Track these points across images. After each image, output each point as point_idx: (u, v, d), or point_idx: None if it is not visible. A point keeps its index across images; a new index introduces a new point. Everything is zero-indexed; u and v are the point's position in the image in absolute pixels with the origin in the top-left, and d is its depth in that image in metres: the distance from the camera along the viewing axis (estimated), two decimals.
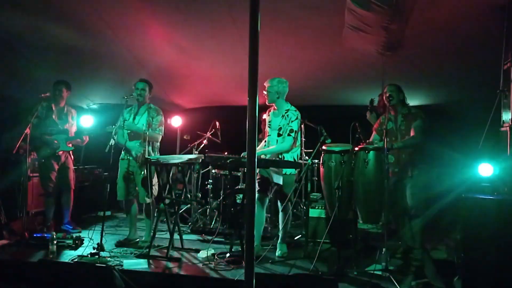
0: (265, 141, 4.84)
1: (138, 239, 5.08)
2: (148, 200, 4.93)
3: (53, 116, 5.53)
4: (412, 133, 4.34)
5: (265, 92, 4.69)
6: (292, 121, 4.59)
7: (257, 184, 4.66)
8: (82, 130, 5.82)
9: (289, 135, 4.58)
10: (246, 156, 2.09)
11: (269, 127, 4.80)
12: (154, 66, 5.96)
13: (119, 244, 4.91)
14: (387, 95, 4.32)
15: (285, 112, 4.66)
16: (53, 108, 5.54)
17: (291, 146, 4.59)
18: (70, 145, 5.61)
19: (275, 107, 4.77)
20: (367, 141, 4.54)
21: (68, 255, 4.43)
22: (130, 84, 5.20)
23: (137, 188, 4.99)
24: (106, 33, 5.17)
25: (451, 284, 3.59)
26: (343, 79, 6.03)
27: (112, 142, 4.59)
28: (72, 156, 5.72)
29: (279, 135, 4.65)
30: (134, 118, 5.05)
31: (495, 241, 3.24)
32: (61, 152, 5.53)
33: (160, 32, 5.27)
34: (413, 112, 4.47)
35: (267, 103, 4.73)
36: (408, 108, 4.51)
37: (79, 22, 5.04)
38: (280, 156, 4.59)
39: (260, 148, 4.82)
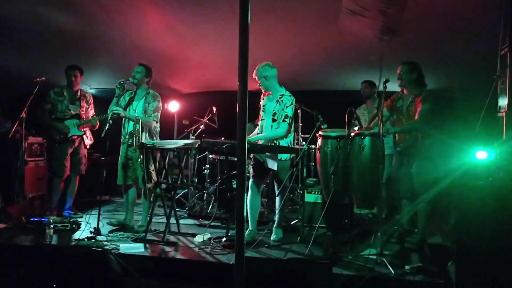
0: (259, 126, 4.78)
1: (133, 226, 5.09)
2: (148, 185, 4.92)
3: (65, 102, 5.52)
4: (416, 117, 4.24)
5: (258, 83, 4.61)
6: (287, 107, 4.49)
7: (252, 169, 4.66)
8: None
9: (284, 121, 4.49)
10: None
11: (263, 111, 4.72)
12: (151, 50, 5.91)
13: (111, 230, 4.90)
14: (398, 73, 4.35)
15: (280, 97, 4.55)
16: (65, 94, 5.54)
17: (286, 132, 4.53)
18: (82, 129, 5.60)
19: (270, 92, 4.69)
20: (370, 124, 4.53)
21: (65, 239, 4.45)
22: (126, 69, 5.17)
23: (137, 174, 4.97)
24: (101, 17, 5.10)
25: (445, 269, 3.62)
26: (340, 64, 5.99)
27: (107, 127, 4.58)
28: (85, 142, 5.70)
29: (273, 120, 4.56)
30: (131, 103, 5.00)
31: (490, 226, 3.25)
32: (75, 137, 5.54)
33: (156, 17, 5.21)
34: (424, 94, 4.29)
35: (263, 91, 4.69)
36: (421, 89, 4.34)
37: (74, 6, 4.97)
38: (275, 142, 4.55)
39: (255, 133, 4.79)
